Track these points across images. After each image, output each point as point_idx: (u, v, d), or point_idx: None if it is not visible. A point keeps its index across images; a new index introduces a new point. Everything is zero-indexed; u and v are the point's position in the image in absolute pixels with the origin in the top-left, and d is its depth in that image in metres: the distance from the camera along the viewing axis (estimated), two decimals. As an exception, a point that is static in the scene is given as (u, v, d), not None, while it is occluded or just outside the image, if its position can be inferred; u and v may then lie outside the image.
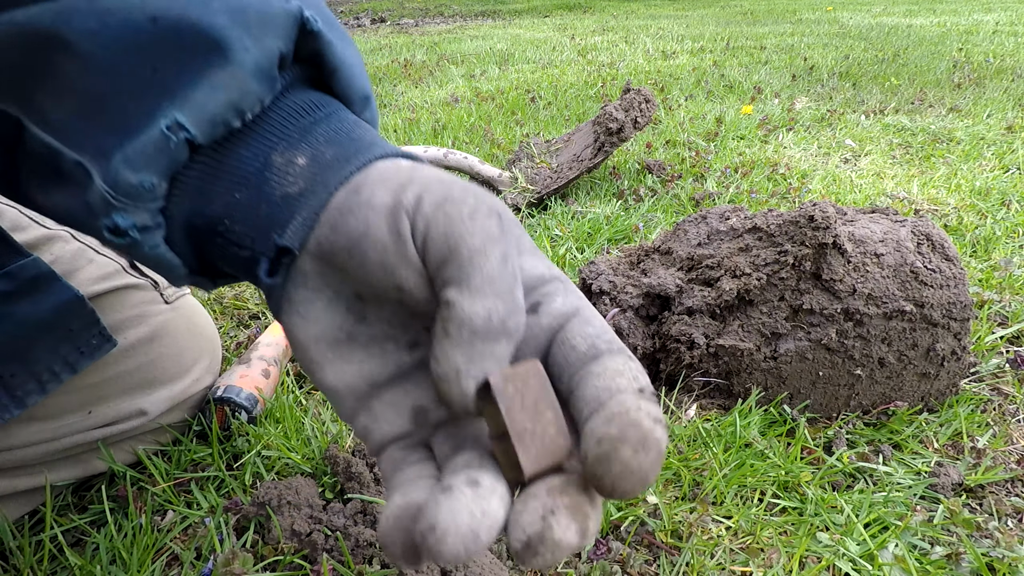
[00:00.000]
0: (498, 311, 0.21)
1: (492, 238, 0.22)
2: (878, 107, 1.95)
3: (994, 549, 0.52)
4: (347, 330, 0.26)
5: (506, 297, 0.22)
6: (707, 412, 0.69)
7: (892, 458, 0.63)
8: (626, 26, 4.61)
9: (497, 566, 0.49)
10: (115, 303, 0.56)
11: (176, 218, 0.26)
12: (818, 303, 0.65)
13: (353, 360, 0.26)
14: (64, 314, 0.48)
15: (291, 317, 0.26)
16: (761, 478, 0.59)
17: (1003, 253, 1.00)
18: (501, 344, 0.22)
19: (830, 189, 1.31)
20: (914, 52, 2.91)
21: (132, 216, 0.25)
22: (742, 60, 2.91)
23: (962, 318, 0.65)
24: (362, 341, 0.26)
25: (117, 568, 0.51)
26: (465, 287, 0.22)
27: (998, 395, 0.71)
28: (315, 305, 0.26)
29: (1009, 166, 1.40)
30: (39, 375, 0.48)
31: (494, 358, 0.22)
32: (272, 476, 0.61)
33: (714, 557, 0.52)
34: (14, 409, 0.46)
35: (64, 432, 0.54)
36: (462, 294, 0.21)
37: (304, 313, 0.26)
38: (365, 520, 0.55)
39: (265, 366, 0.69)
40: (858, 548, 0.52)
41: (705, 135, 1.70)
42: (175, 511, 0.57)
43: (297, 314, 0.26)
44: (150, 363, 0.59)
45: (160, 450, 0.62)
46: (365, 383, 0.26)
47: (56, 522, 0.55)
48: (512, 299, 0.22)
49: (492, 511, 0.19)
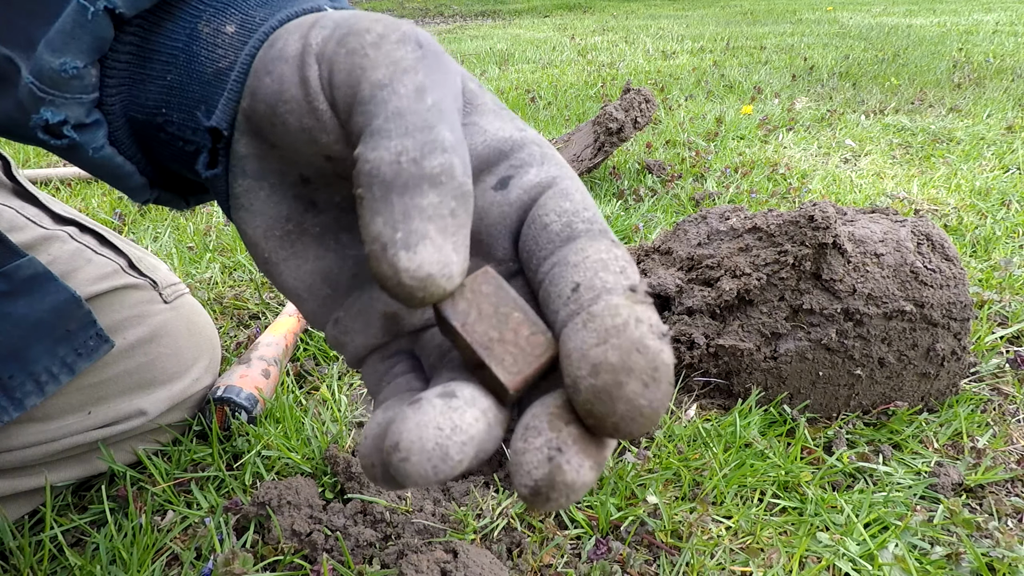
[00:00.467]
0: (408, 151, 0.17)
1: (401, 69, 0.18)
2: (878, 107, 1.95)
3: (994, 549, 0.52)
4: (295, 220, 0.23)
5: (419, 134, 0.17)
6: (707, 412, 0.69)
7: (892, 458, 0.63)
8: (626, 26, 4.61)
9: (497, 566, 0.49)
10: (114, 303, 0.56)
11: (116, 114, 0.24)
12: (818, 303, 0.65)
13: (308, 256, 0.23)
14: (61, 315, 0.48)
15: (238, 213, 0.23)
16: (761, 478, 0.59)
17: (1003, 253, 1.00)
18: (427, 195, 0.17)
19: (830, 189, 1.31)
20: (914, 52, 2.91)
21: (63, 110, 0.22)
22: (742, 60, 2.91)
23: (962, 318, 0.65)
24: (314, 233, 0.23)
25: (117, 568, 0.51)
26: (367, 133, 0.17)
27: (998, 395, 0.71)
28: (259, 195, 0.23)
29: (1009, 166, 1.40)
30: (37, 377, 0.48)
31: (423, 215, 0.16)
32: (272, 476, 0.61)
33: (714, 557, 0.52)
34: (13, 411, 0.46)
35: (64, 433, 0.54)
36: (365, 143, 0.17)
37: (248, 205, 0.23)
38: (365, 520, 0.55)
39: (265, 366, 0.69)
40: (858, 548, 0.52)
41: (705, 135, 1.70)
42: (175, 511, 0.57)
43: (243, 208, 0.23)
44: (149, 363, 0.59)
45: (160, 450, 0.62)
46: (325, 284, 0.23)
47: (56, 522, 0.55)
48: (430, 134, 0.17)
49: (466, 426, 0.16)
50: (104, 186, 1.40)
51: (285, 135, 0.20)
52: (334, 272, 0.23)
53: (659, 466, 0.60)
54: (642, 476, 0.59)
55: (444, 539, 0.53)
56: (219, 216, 1.24)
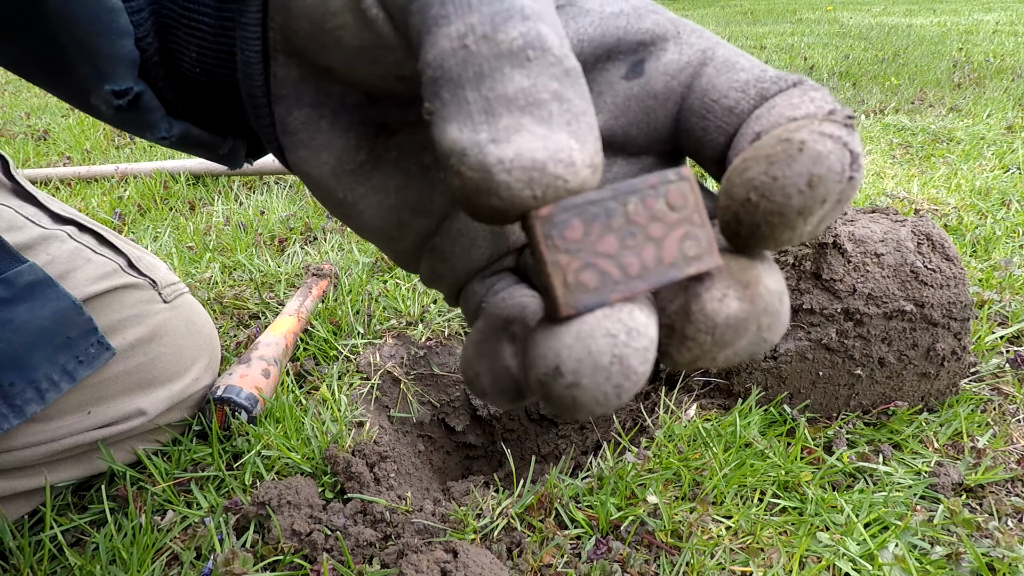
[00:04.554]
0: (474, 29, 0.12)
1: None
2: (878, 107, 1.95)
3: (994, 549, 0.52)
4: (367, 148, 0.19)
5: (485, 6, 0.12)
6: (707, 412, 0.69)
7: (892, 458, 0.63)
8: (626, 26, 4.61)
9: (497, 566, 0.49)
10: (113, 303, 0.56)
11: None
12: (818, 303, 0.65)
13: (390, 187, 0.19)
14: (62, 322, 0.48)
15: (296, 152, 0.20)
16: (761, 478, 0.59)
17: (1003, 253, 1.00)
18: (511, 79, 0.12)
19: (830, 189, 1.31)
20: (914, 52, 2.91)
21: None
22: (742, 60, 2.90)
23: (962, 318, 0.65)
24: (391, 158, 0.19)
25: (117, 568, 0.51)
26: (424, 31, 0.13)
27: (998, 395, 0.71)
28: (320, 125, 0.19)
29: (1009, 166, 1.40)
30: (38, 384, 0.47)
31: (512, 106, 0.12)
32: (272, 476, 0.61)
33: (714, 557, 0.52)
34: (13, 419, 0.46)
35: (63, 433, 0.54)
36: (423, 44, 0.13)
37: (309, 140, 0.19)
38: (365, 520, 0.55)
39: (265, 366, 0.69)
40: (858, 548, 0.52)
41: (705, 135, 1.70)
42: (175, 511, 0.57)
43: (302, 145, 0.19)
44: (149, 363, 0.58)
45: (160, 450, 0.62)
46: (415, 215, 0.19)
47: (56, 522, 0.55)
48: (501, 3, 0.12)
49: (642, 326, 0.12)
50: (104, 185, 1.40)
51: (340, 56, 0.17)
52: (424, 199, 0.19)
53: (659, 466, 0.60)
54: (642, 476, 0.59)
55: (444, 539, 0.53)
56: (219, 216, 1.24)
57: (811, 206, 0.12)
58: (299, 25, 0.17)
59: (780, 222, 0.12)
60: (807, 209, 0.12)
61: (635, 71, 0.16)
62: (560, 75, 0.12)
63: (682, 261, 0.13)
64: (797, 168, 0.12)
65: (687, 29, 0.16)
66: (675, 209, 0.13)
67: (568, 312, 0.13)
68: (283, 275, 0.97)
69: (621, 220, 0.13)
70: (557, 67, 0.12)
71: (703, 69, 0.16)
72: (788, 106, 0.14)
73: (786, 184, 0.12)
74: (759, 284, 0.13)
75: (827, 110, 0.14)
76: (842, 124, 0.13)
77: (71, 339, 0.49)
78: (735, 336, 0.13)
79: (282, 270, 0.99)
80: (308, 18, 0.17)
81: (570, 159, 0.12)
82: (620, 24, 0.16)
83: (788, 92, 0.15)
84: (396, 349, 0.81)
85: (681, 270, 0.13)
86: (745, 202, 0.13)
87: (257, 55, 0.19)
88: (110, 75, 0.21)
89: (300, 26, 0.17)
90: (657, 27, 0.16)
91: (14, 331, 0.45)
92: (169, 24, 0.21)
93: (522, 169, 0.12)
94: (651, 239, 0.13)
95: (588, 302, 0.13)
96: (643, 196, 0.13)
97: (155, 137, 0.23)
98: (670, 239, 0.13)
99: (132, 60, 0.21)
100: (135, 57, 0.21)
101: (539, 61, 0.12)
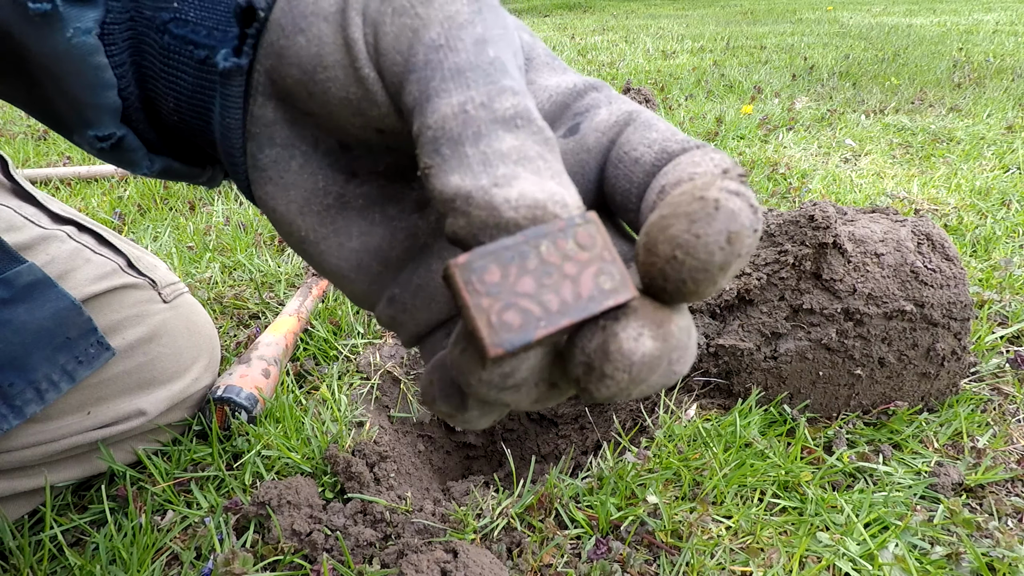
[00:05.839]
0: (473, 99, 0.15)
1: (457, 24, 0.16)
2: (878, 107, 1.95)
3: (994, 549, 0.52)
4: (335, 192, 0.20)
5: (483, 86, 0.15)
6: (707, 412, 0.69)
7: (892, 458, 0.63)
8: (626, 26, 4.61)
9: (497, 566, 0.49)
10: (113, 303, 0.56)
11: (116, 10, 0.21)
12: (818, 303, 0.65)
13: (351, 232, 0.20)
14: (62, 322, 0.48)
15: (264, 188, 0.20)
16: (761, 478, 0.59)
17: (1003, 253, 1.00)
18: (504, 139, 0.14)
19: (830, 189, 1.31)
20: (914, 52, 2.91)
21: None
22: (742, 60, 2.90)
23: (962, 318, 0.65)
24: (357, 206, 0.20)
25: (117, 568, 0.51)
26: (423, 99, 0.15)
27: (998, 395, 0.71)
28: (290, 165, 0.20)
29: (1009, 166, 1.40)
30: (38, 385, 0.47)
31: (507, 159, 0.14)
32: (272, 476, 0.60)
33: (714, 557, 0.52)
34: (13, 419, 0.46)
35: (63, 433, 0.54)
36: (422, 110, 0.15)
37: (278, 178, 0.20)
38: (365, 520, 0.55)
39: (265, 366, 0.69)
40: (858, 548, 0.52)
41: (705, 135, 1.70)
42: (175, 511, 0.57)
43: (270, 181, 0.20)
44: (149, 363, 0.58)
45: (160, 450, 0.62)
46: (374, 260, 0.20)
47: (56, 522, 0.55)
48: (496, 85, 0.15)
49: None
50: (104, 185, 1.40)
51: (325, 105, 0.18)
52: (384, 247, 0.20)
53: (659, 466, 0.60)
54: (642, 476, 0.59)
55: (444, 539, 0.53)
56: (219, 215, 1.24)
57: (731, 261, 0.14)
58: (289, 72, 0.18)
59: (705, 277, 0.14)
60: (727, 264, 0.14)
61: (572, 131, 0.18)
62: (541, 141, 0.15)
63: (599, 295, 0.14)
64: (716, 226, 0.13)
65: (619, 99, 0.19)
66: (585, 248, 0.14)
67: (496, 352, 0.14)
68: (283, 275, 0.97)
69: (536, 261, 0.14)
70: (539, 135, 0.15)
71: (625, 128, 0.18)
72: (690, 163, 0.16)
73: (708, 242, 0.13)
74: (671, 323, 0.14)
75: (723, 168, 0.15)
76: (739, 182, 0.14)
77: (71, 339, 0.49)
78: (650, 372, 0.14)
79: (282, 270, 0.99)
80: (300, 67, 0.18)
81: (564, 200, 0.14)
82: (567, 101, 0.19)
83: (691, 152, 0.16)
84: (396, 349, 0.81)
85: (599, 303, 0.14)
86: (671, 259, 0.14)
87: (238, 122, 0.20)
88: (94, 122, 0.22)
89: (290, 72, 0.18)
90: (595, 99, 0.19)
91: (13, 331, 0.45)
92: (149, 75, 0.22)
93: (527, 207, 0.14)
94: (567, 276, 0.14)
95: (514, 340, 0.14)
96: (554, 238, 0.14)
97: (137, 172, 0.24)
98: (585, 275, 0.14)
99: (115, 109, 0.22)
100: (118, 106, 0.22)
101: (526, 128, 0.15)
